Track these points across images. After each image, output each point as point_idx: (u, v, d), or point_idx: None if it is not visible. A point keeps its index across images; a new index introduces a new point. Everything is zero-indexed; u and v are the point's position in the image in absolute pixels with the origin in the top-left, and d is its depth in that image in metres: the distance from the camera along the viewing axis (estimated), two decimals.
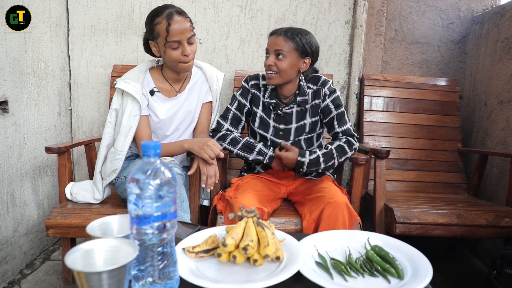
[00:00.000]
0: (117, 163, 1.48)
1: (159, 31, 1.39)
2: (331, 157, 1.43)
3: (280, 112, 1.54)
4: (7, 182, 1.64)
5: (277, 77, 1.45)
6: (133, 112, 1.45)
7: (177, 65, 1.45)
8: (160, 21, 1.38)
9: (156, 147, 0.67)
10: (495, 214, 1.56)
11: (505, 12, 2.01)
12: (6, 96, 1.62)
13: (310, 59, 1.47)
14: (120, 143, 1.46)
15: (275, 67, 1.43)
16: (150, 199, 0.65)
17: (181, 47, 1.41)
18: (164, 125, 1.57)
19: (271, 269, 0.82)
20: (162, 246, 0.68)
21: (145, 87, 1.52)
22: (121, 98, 1.48)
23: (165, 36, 1.38)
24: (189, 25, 1.41)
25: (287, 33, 1.42)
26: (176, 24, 1.37)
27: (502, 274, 1.41)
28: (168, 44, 1.39)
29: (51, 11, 1.95)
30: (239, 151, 1.53)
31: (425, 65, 2.40)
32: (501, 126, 1.98)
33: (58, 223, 1.41)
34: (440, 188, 2.05)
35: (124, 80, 1.47)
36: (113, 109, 1.49)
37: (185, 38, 1.39)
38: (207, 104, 1.66)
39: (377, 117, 2.16)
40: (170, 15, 1.37)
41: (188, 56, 1.42)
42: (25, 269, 1.78)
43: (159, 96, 1.55)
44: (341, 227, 1.26)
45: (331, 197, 1.32)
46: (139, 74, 1.51)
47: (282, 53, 1.41)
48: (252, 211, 0.91)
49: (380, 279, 0.83)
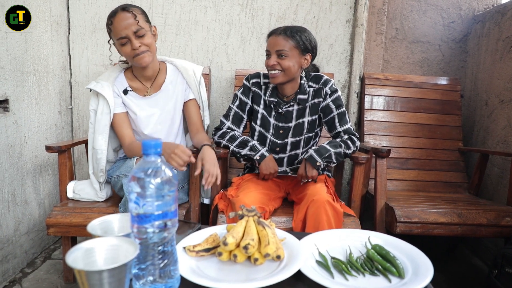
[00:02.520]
0: (100, 162, 1.51)
1: (109, 31, 1.44)
2: (338, 146, 1.44)
3: (281, 111, 1.54)
4: (8, 181, 1.65)
5: (281, 75, 1.44)
6: (105, 110, 1.50)
7: (132, 60, 1.46)
8: (107, 21, 1.42)
9: (156, 146, 0.67)
10: (496, 213, 1.56)
11: (506, 11, 2.01)
12: (7, 95, 1.62)
13: (310, 55, 1.47)
14: (97, 142, 1.51)
15: (279, 66, 1.42)
16: (151, 197, 0.65)
17: (129, 42, 1.41)
18: (141, 123, 1.58)
19: (272, 268, 0.82)
20: (163, 245, 0.68)
21: (118, 86, 1.55)
22: (97, 99, 1.53)
23: (110, 34, 1.43)
24: (132, 19, 1.38)
25: (286, 32, 1.42)
26: (117, 20, 1.38)
27: (502, 274, 1.41)
28: (117, 42, 1.42)
29: (52, 10, 1.95)
30: (235, 147, 1.52)
31: (426, 64, 2.40)
32: (502, 125, 1.97)
33: (59, 222, 1.42)
34: (441, 187, 2.05)
35: (96, 80, 1.53)
36: (91, 110, 1.54)
37: (130, 32, 1.38)
38: (191, 101, 1.64)
39: (378, 116, 2.16)
40: (113, 13, 1.40)
41: (138, 50, 1.41)
42: (26, 268, 1.78)
43: (132, 95, 1.57)
44: (325, 225, 1.25)
45: (314, 195, 1.32)
46: (110, 74, 1.56)
47: (284, 53, 1.41)
48: (253, 210, 0.91)
49: (381, 278, 0.83)
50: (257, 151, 1.49)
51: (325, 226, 1.25)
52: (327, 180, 1.56)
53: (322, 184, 1.46)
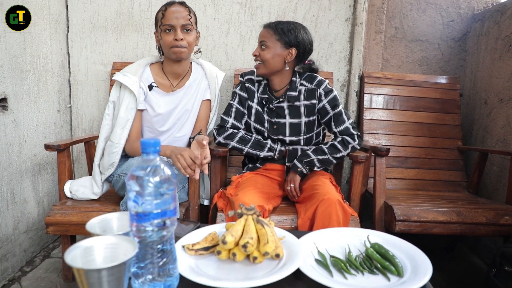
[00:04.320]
0: (115, 156, 1.48)
1: (158, 17, 1.48)
2: (323, 153, 1.49)
3: (272, 106, 1.56)
4: (7, 180, 1.64)
5: (261, 67, 1.51)
6: (130, 105, 1.48)
7: (169, 51, 1.47)
8: (161, 8, 1.48)
9: (155, 144, 0.67)
10: (495, 212, 1.56)
11: (505, 9, 2.01)
12: (6, 93, 1.62)
13: (296, 50, 1.48)
14: (116, 136, 1.48)
15: (259, 57, 1.49)
16: (150, 196, 0.65)
17: (174, 32, 1.45)
18: (161, 119, 1.58)
19: (271, 266, 0.82)
20: (162, 244, 0.68)
21: (144, 81, 1.54)
22: (119, 91, 1.51)
23: (161, 19, 1.45)
24: (186, 13, 1.46)
25: (273, 25, 1.48)
26: (172, 9, 1.45)
27: (501, 272, 1.41)
28: (162, 27, 1.45)
29: (51, 8, 1.94)
30: (250, 149, 1.55)
31: (425, 63, 2.40)
32: (501, 124, 1.98)
33: (58, 221, 1.42)
34: (440, 186, 2.05)
35: (123, 73, 1.51)
36: (111, 101, 1.52)
37: (178, 24, 1.44)
38: (205, 101, 1.67)
39: (377, 115, 2.16)
40: (170, 3, 1.47)
41: (179, 42, 1.44)
42: (25, 267, 1.78)
43: (157, 90, 1.56)
44: (335, 225, 1.26)
45: (325, 195, 1.32)
46: (138, 68, 1.54)
47: (265, 44, 1.48)
48: (252, 208, 0.91)
49: (380, 276, 0.83)
50: (274, 150, 1.56)
51: (334, 226, 1.25)
52: (332, 179, 1.57)
53: (330, 183, 1.47)
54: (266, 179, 1.57)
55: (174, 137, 1.62)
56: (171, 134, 1.61)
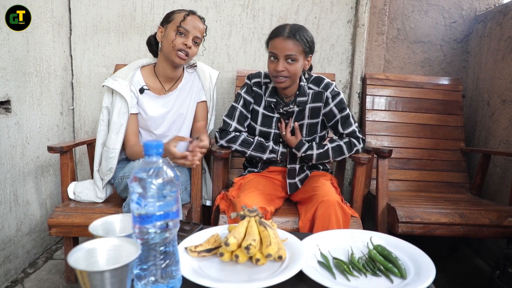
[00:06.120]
0: (111, 161, 1.49)
1: (176, 17, 1.47)
2: (326, 156, 1.48)
3: (282, 111, 1.54)
4: (10, 182, 1.65)
5: (288, 81, 1.43)
6: (122, 109, 1.49)
7: (171, 52, 1.47)
8: (181, 12, 1.49)
9: (158, 146, 0.67)
10: (498, 213, 1.55)
11: (508, 10, 2.00)
12: (9, 95, 1.62)
13: (311, 57, 1.46)
14: (111, 141, 1.48)
15: (286, 72, 1.39)
16: (152, 198, 0.65)
17: (186, 38, 1.46)
18: (154, 123, 1.58)
19: (274, 268, 0.82)
20: (165, 245, 0.68)
21: (134, 84, 1.54)
22: (111, 96, 1.51)
23: (180, 21, 1.45)
24: (203, 30, 1.51)
25: (295, 35, 1.36)
26: (194, 18, 1.48)
27: (505, 274, 1.40)
28: (179, 29, 1.45)
29: (53, 11, 1.95)
30: (253, 152, 1.52)
31: (427, 64, 2.40)
32: (504, 125, 1.97)
33: (61, 222, 1.42)
34: (443, 187, 2.05)
35: (113, 78, 1.51)
36: (104, 107, 1.52)
37: (193, 33, 1.47)
38: (201, 103, 1.67)
39: (380, 116, 2.16)
40: (192, 12, 1.51)
41: (186, 48, 1.46)
42: (28, 268, 1.78)
43: (148, 93, 1.56)
44: (334, 226, 1.26)
45: (324, 196, 1.31)
46: (128, 71, 1.54)
47: (294, 58, 1.37)
48: (254, 210, 0.91)
49: (383, 278, 0.83)
50: (277, 152, 1.53)
51: (334, 227, 1.25)
52: (333, 180, 1.56)
53: (330, 185, 1.46)
54: (268, 180, 1.56)
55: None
56: (168, 138, 1.60)
